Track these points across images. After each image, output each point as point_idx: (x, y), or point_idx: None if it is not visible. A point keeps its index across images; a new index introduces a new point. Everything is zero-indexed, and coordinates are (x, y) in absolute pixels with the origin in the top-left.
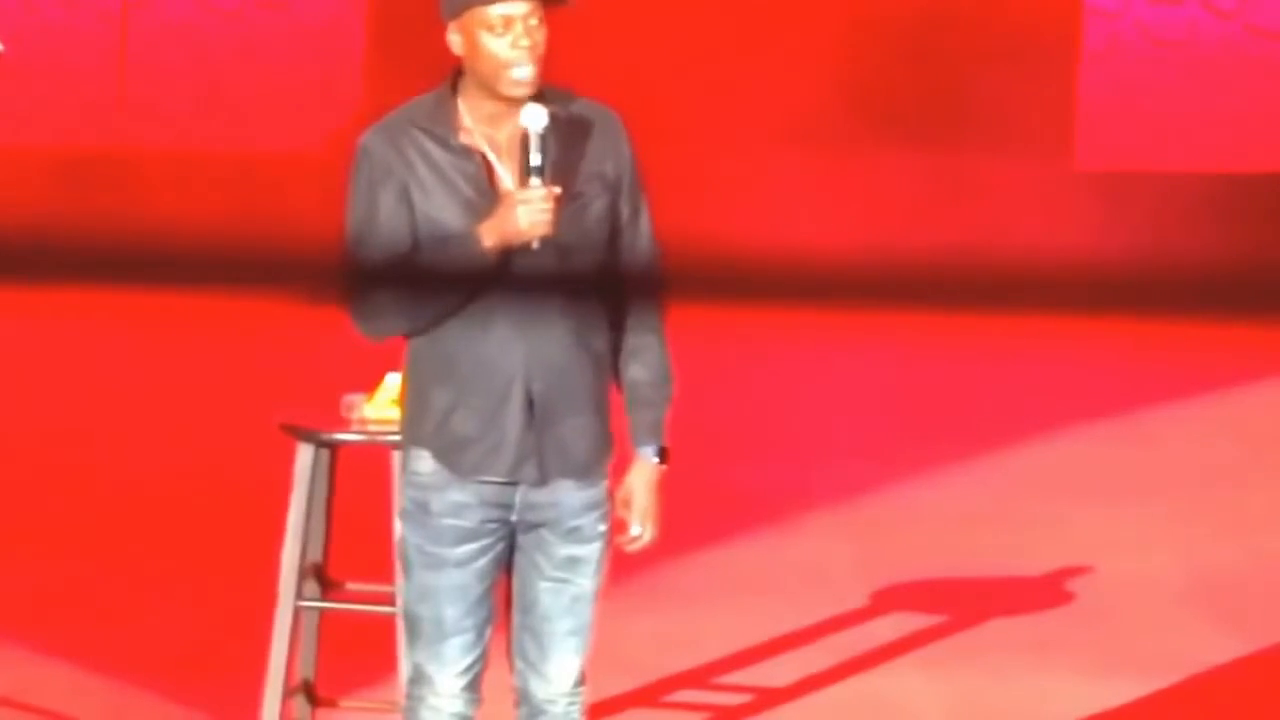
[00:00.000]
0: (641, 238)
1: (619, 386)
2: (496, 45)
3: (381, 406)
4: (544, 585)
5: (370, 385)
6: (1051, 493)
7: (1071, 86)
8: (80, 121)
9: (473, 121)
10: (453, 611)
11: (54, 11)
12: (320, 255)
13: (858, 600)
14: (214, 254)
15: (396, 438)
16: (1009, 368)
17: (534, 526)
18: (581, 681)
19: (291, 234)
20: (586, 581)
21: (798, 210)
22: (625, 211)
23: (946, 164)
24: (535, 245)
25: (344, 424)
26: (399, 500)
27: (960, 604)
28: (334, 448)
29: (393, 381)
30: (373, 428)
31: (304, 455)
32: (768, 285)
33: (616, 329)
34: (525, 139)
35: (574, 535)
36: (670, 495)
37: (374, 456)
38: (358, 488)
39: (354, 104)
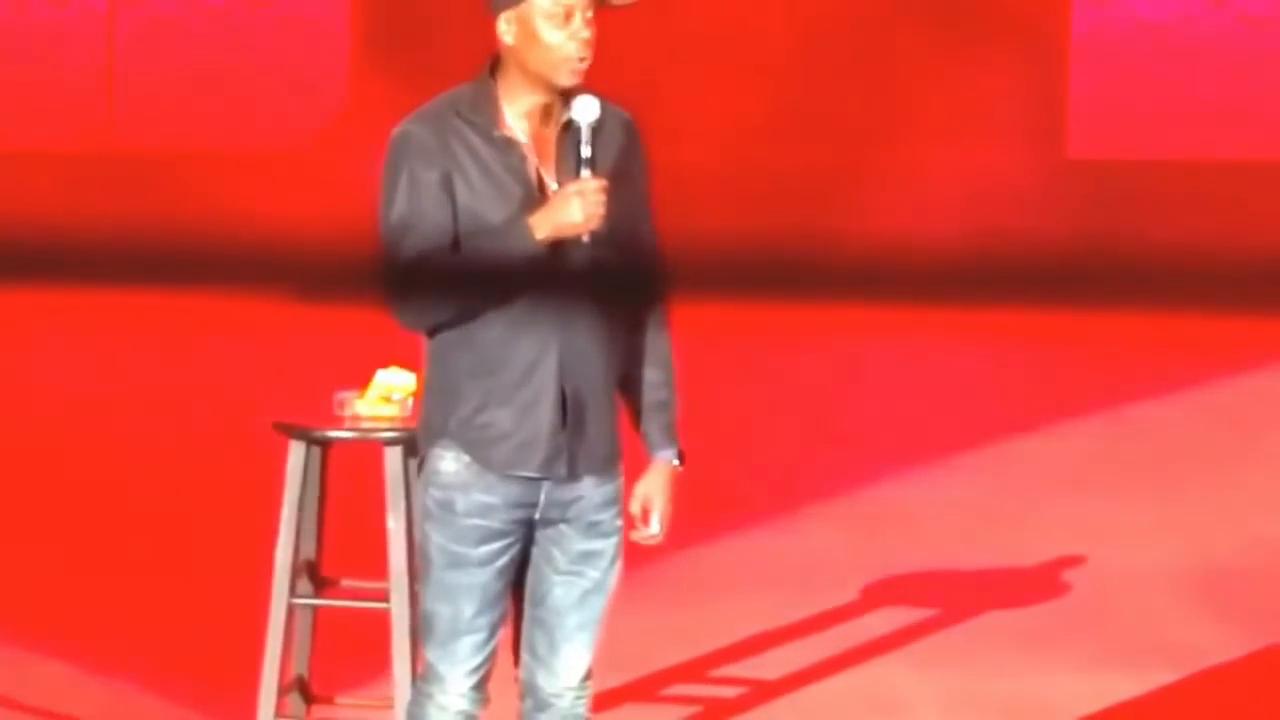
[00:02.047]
0: (651, 238)
1: (625, 384)
2: (556, 36)
3: (373, 403)
4: (557, 579)
5: (362, 382)
6: (1045, 485)
7: (1063, 73)
8: (68, 121)
9: (513, 114)
10: (469, 610)
11: (41, 12)
12: (308, 253)
13: (851, 594)
14: (203, 253)
15: (389, 435)
16: (1001, 359)
17: (554, 522)
18: (588, 677)
19: (280, 232)
20: (599, 575)
21: (786, 202)
22: (640, 212)
23: (937, 153)
24: (586, 238)
25: (336, 421)
26: (394, 497)
27: (954, 597)
28: (326, 445)
29: (384, 378)
30: (365, 425)
31: (296, 453)
32: (758, 279)
33: (631, 328)
34: (575, 131)
35: (593, 530)
36: None
37: (366, 453)
38: (350, 485)
39: (340, 103)
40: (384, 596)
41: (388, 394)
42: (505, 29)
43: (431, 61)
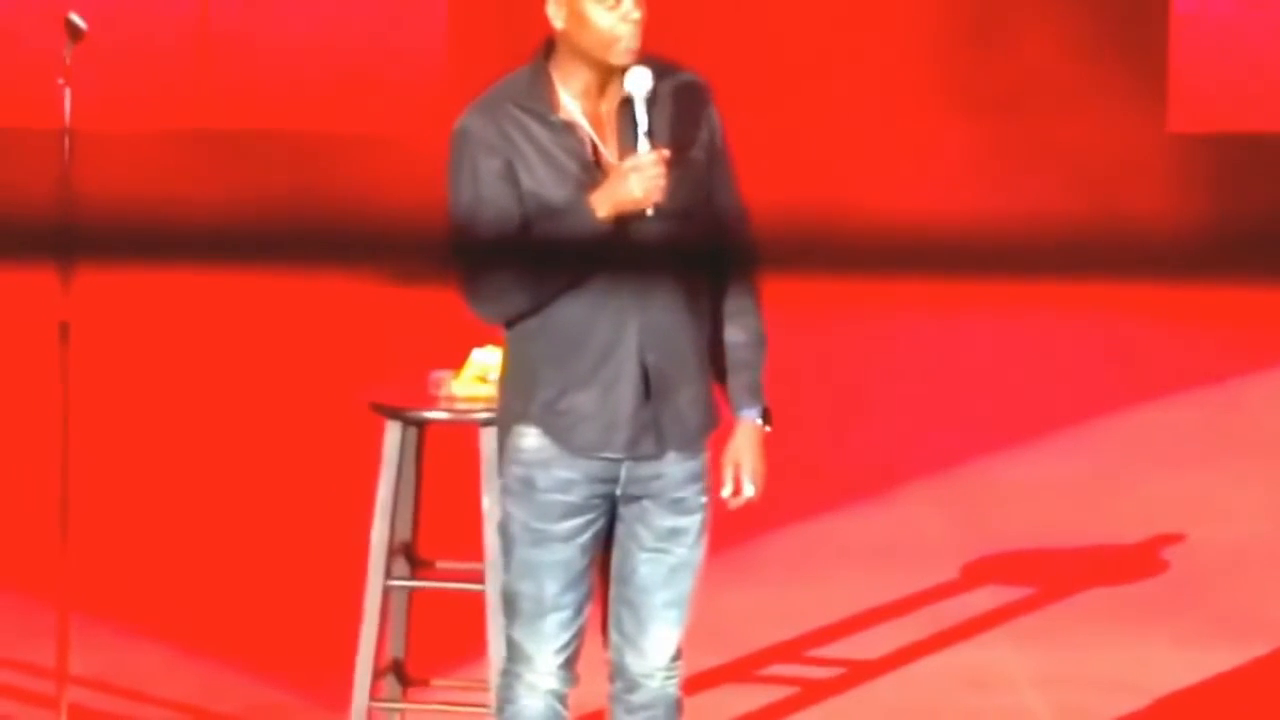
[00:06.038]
0: (734, 202)
1: (712, 349)
2: (606, 19)
3: (469, 383)
4: (643, 556)
5: (457, 362)
6: (1145, 461)
7: (1163, 47)
8: (161, 99)
9: (569, 95)
10: (554, 588)
11: None
12: (404, 234)
13: (951, 572)
14: (299, 233)
15: (485, 415)
16: (1103, 334)
17: (637, 498)
18: (678, 656)
19: (376, 214)
20: (686, 552)
21: (888, 179)
22: (719, 177)
23: (1038, 128)
24: (650, 212)
25: (432, 402)
26: (489, 478)
27: (1054, 575)
28: (422, 426)
29: (479, 358)
30: (460, 405)
31: (392, 434)
32: (858, 254)
33: (715, 294)
34: (630, 104)
35: (677, 506)
36: None
37: (462, 434)
38: (446, 465)
39: (437, 84)
40: (480, 578)
41: (483, 374)
42: (555, 13)
43: (530, 41)
